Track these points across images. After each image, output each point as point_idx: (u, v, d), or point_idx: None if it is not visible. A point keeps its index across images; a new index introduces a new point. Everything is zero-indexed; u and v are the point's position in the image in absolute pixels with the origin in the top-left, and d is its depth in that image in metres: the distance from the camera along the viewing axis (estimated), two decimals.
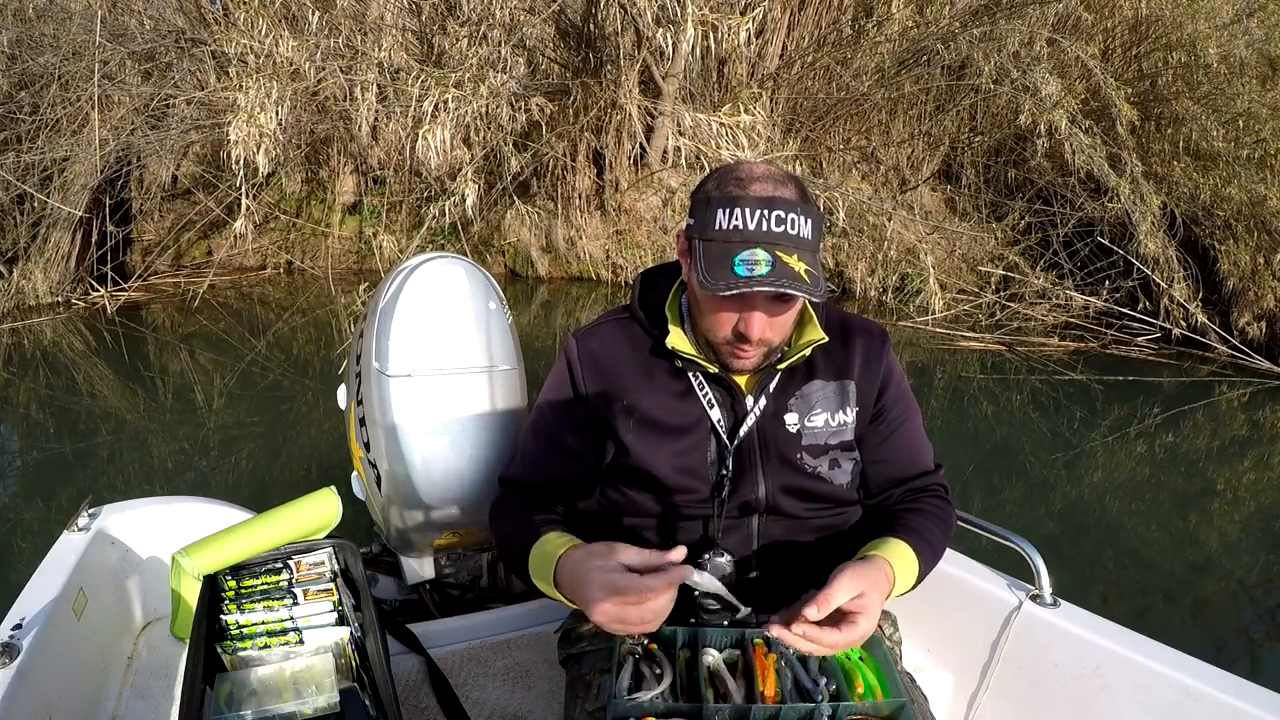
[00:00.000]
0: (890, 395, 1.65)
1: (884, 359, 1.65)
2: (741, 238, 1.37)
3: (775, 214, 1.36)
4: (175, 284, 10.10)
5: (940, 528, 1.59)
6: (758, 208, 1.37)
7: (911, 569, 1.47)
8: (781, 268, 1.35)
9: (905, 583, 1.45)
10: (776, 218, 1.36)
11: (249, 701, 1.52)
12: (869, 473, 1.67)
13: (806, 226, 1.38)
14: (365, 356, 2.23)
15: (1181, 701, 1.64)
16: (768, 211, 1.36)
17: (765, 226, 1.36)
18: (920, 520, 1.57)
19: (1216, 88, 9.63)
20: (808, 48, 10.73)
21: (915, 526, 1.55)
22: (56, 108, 9.32)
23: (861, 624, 1.28)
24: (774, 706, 1.33)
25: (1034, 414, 7.27)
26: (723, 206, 1.39)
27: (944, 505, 1.65)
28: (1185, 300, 8.66)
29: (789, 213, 1.37)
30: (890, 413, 1.65)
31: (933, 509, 1.62)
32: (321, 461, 5.60)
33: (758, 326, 1.43)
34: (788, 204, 1.37)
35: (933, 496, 1.66)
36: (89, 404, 6.87)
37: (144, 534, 2.12)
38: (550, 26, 10.09)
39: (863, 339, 1.64)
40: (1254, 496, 5.90)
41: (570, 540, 1.43)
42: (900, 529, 1.53)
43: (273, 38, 7.96)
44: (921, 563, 1.49)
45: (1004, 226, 10.68)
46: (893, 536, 1.50)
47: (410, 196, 10.61)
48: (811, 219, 1.40)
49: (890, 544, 1.48)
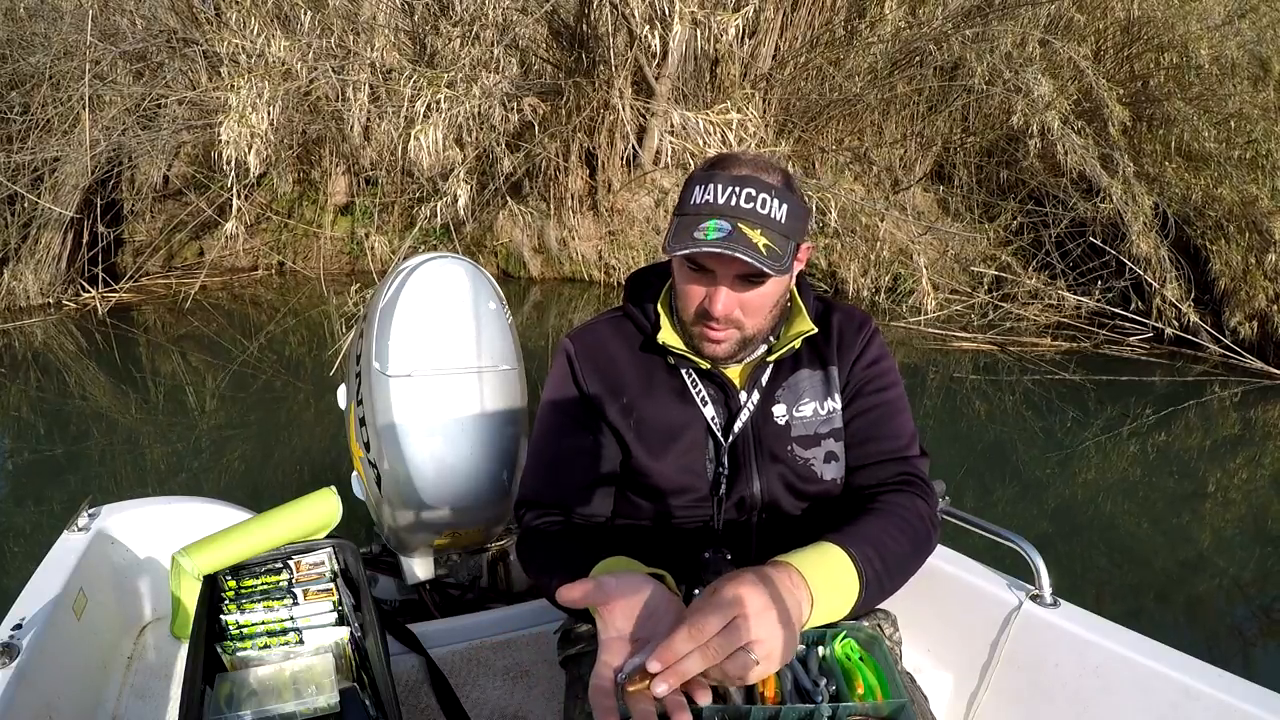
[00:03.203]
0: (859, 371, 1.60)
1: (859, 339, 1.62)
2: (710, 210, 1.39)
3: (746, 190, 1.38)
4: (167, 285, 10.07)
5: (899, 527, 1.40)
6: (730, 184, 1.39)
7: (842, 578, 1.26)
8: (739, 236, 1.36)
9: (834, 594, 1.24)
10: (747, 194, 1.38)
11: (249, 701, 1.52)
12: (847, 454, 1.60)
13: (780, 210, 1.39)
14: (365, 356, 2.23)
15: (1181, 701, 1.64)
16: (739, 188, 1.38)
17: (734, 201, 1.38)
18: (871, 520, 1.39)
19: (1208, 89, 9.64)
20: (800, 48, 10.73)
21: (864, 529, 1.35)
22: (47, 108, 9.28)
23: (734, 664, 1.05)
24: (774, 707, 1.32)
25: (1027, 414, 7.28)
26: (700, 183, 1.42)
27: (911, 501, 1.47)
28: (1177, 300, 8.68)
29: (761, 192, 1.38)
30: (866, 386, 1.60)
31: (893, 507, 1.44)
32: (315, 462, 5.60)
33: (722, 301, 1.43)
34: (763, 185, 1.39)
35: (898, 493, 1.49)
36: (80, 405, 6.85)
37: (144, 534, 2.12)
38: (543, 26, 10.07)
39: (840, 321, 1.64)
40: (1245, 496, 5.92)
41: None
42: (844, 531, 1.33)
43: (264, 37, 7.94)
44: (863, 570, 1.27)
45: (996, 227, 10.68)
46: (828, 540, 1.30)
47: (402, 197, 10.58)
48: (788, 205, 1.40)
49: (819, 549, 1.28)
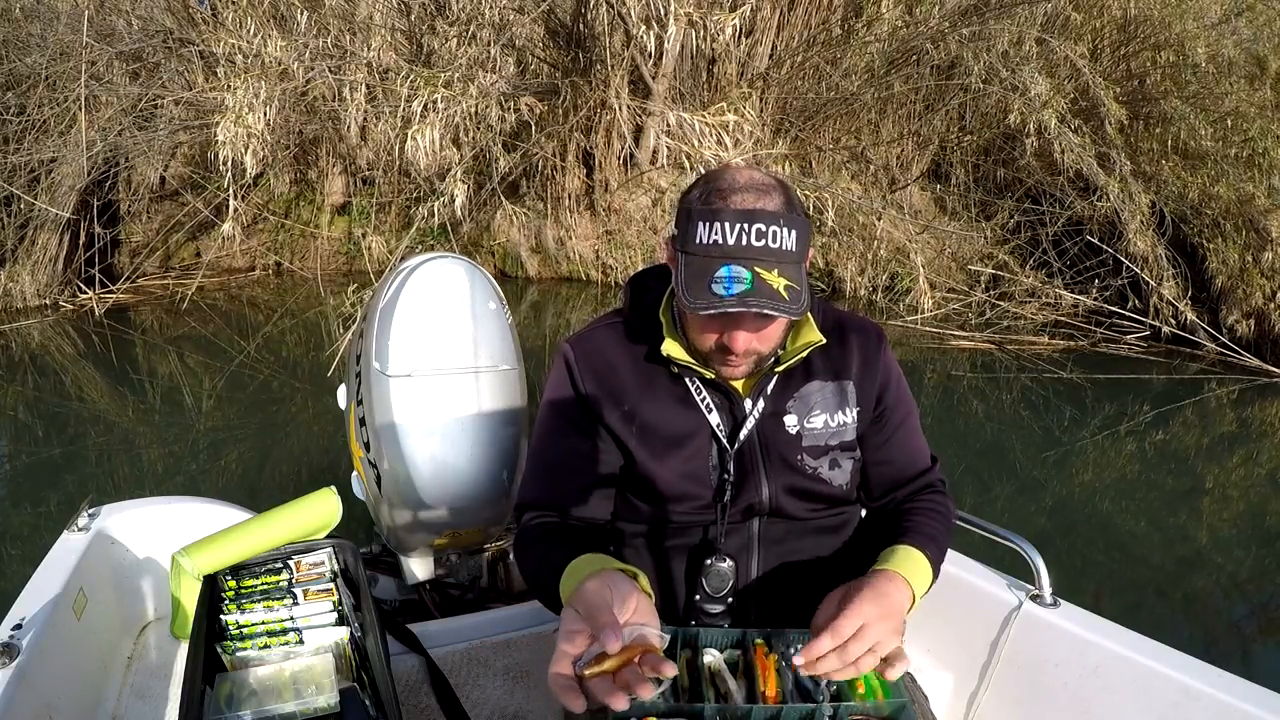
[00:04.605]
0: (891, 396, 1.64)
1: (882, 358, 1.64)
2: (721, 253, 1.36)
3: (756, 228, 1.35)
4: (163, 286, 10.07)
5: (943, 523, 1.59)
6: (738, 221, 1.35)
7: (925, 574, 1.46)
8: (760, 285, 1.34)
9: (922, 588, 1.44)
10: (757, 231, 1.35)
11: (249, 701, 1.52)
12: (871, 474, 1.66)
13: (790, 238, 1.37)
14: (365, 356, 2.23)
15: (1181, 701, 1.65)
16: (748, 225, 1.35)
17: (745, 241, 1.35)
18: (925, 520, 1.57)
19: (1205, 87, 9.67)
20: (797, 47, 10.74)
21: (923, 529, 1.54)
22: (44, 108, 9.28)
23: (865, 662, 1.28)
24: (775, 707, 1.32)
25: (1024, 412, 7.29)
26: (703, 220, 1.38)
27: (944, 500, 1.65)
28: (1174, 298, 8.70)
29: (770, 225, 1.35)
30: (892, 414, 1.65)
31: (935, 505, 1.61)
32: (312, 462, 5.59)
33: (742, 342, 1.43)
34: (769, 216, 1.36)
35: (934, 493, 1.65)
36: (78, 407, 6.84)
37: (144, 534, 2.12)
38: (539, 26, 10.08)
39: (859, 338, 1.64)
40: (1242, 493, 5.94)
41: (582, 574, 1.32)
42: (910, 534, 1.52)
43: (261, 37, 7.95)
44: (934, 565, 1.49)
45: (993, 225, 10.70)
46: (905, 544, 1.49)
47: (399, 197, 10.59)
48: (796, 229, 1.38)
49: (903, 552, 1.47)
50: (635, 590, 1.23)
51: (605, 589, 1.20)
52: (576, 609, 1.19)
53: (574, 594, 1.23)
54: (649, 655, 1.14)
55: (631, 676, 1.11)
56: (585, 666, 1.12)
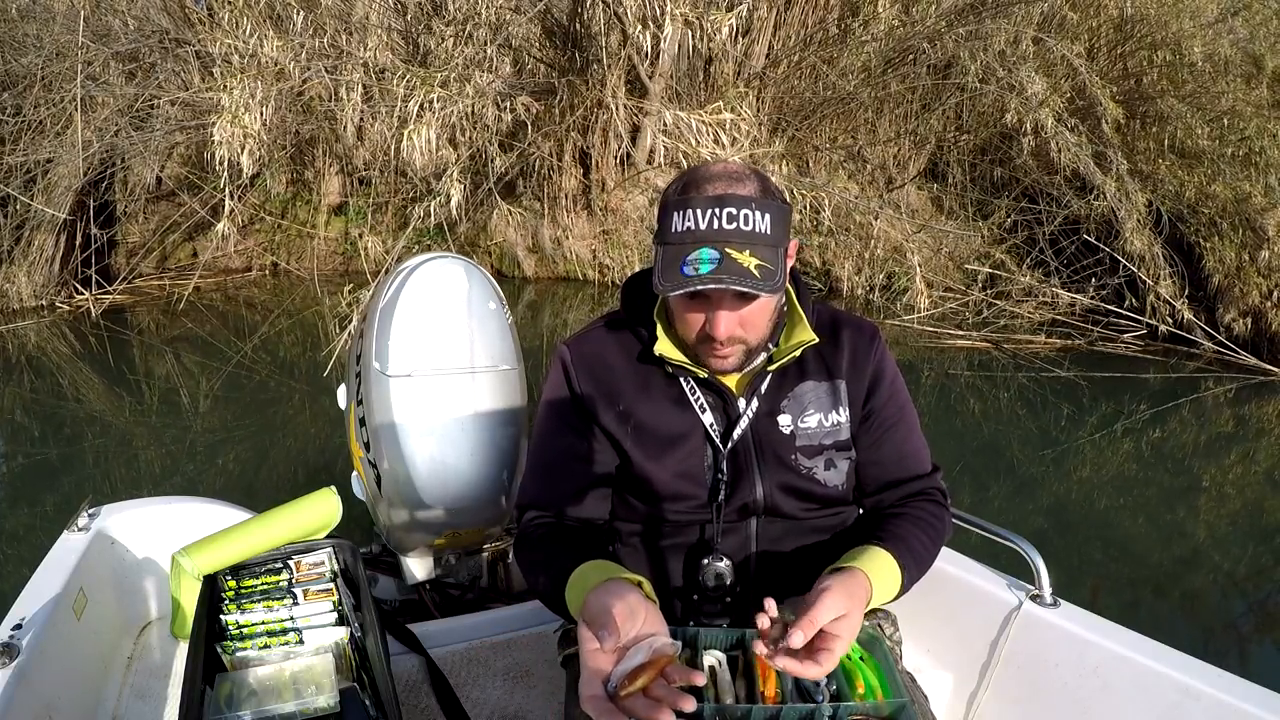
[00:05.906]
0: (881, 395, 1.64)
1: (872, 357, 1.64)
2: (693, 238, 1.38)
3: (726, 211, 1.37)
4: (160, 286, 10.06)
5: (928, 534, 1.55)
6: (708, 206, 1.37)
7: (893, 580, 1.43)
8: (729, 263, 1.35)
9: (884, 594, 1.41)
10: (728, 215, 1.37)
11: (249, 701, 1.52)
12: (863, 474, 1.65)
13: (763, 221, 1.38)
14: (365, 356, 2.23)
15: (1181, 701, 1.65)
16: (718, 209, 1.37)
17: (715, 225, 1.37)
18: (907, 528, 1.53)
19: (1201, 86, 9.68)
20: (794, 47, 10.74)
21: (901, 535, 1.51)
22: (40, 109, 9.26)
23: (837, 649, 1.24)
24: (774, 707, 1.32)
25: (1021, 411, 7.30)
26: (677, 210, 1.41)
27: (936, 510, 1.60)
28: (1171, 297, 8.71)
29: (741, 208, 1.37)
30: (881, 413, 1.64)
31: (922, 514, 1.58)
32: (311, 462, 5.59)
33: (723, 325, 1.43)
34: (740, 200, 1.38)
35: (926, 501, 1.62)
36: (75, 408, 6.84)
37: (144, 534, 2.12)
38: (536, 26, 10.07)
39: (853, 337, 1.64)
40: (1240, 492, 5.94)
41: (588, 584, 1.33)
42: (885, 537, 1.49)
43: (257, 37, 7.94)
44: (905, 574, 1.44)
45: (990, 224, 10.70)
46: (876, 545, 1.45)
47: (396, 197, 10.57)
48: (770, 213, 1.39)
49: (871, 553, 1.43)
50: (642, 600, 1.24)
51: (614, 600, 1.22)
52: (589, 625, 1.20)
53: (583, 608, 1.25)
54: (673, 667, 1.15)
55: (665, 693, 1.12)
56: (618, 686, 1.13)
